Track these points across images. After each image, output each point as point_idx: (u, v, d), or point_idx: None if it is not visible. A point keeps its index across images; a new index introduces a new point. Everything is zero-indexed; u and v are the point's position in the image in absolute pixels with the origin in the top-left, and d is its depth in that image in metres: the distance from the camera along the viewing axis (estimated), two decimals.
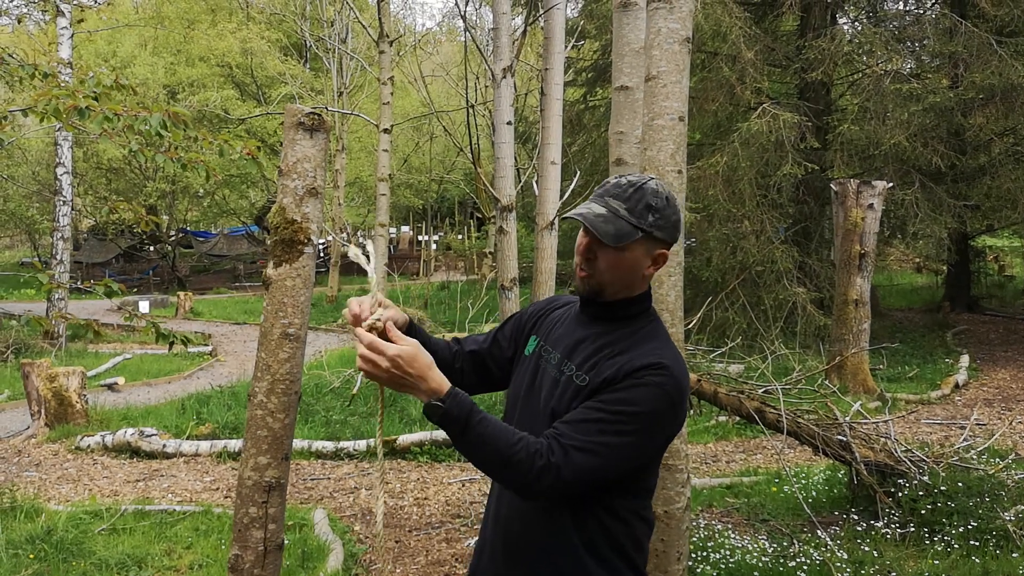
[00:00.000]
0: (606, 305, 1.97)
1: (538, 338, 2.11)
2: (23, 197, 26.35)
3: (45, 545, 5.22)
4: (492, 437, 1.74)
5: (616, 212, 1.87)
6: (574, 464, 1.73)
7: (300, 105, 2.17)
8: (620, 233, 1.85)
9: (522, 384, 2.07)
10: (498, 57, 6.42)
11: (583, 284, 1.96)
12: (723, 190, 12.70)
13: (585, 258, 1.92)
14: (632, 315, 1.98)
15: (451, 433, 1.76)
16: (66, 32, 15.29)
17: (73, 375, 9.11)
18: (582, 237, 1.92)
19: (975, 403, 9.77)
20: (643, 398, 1.78)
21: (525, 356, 2.12)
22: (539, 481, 1.72)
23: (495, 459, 1.74)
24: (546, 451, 1.73)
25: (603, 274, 1.91)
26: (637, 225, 1.86)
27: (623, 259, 1.89)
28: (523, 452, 1.73)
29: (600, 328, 1.97)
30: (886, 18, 15.38)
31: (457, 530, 5.81)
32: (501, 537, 1.99)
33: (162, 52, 28.70)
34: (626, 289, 1.95)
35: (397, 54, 19.94)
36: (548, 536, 1.90)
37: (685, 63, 3.33)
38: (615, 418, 1.77)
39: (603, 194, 1.92)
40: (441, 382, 1.75)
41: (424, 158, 33.11)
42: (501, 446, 1.73)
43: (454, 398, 1.74)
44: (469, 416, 1.73)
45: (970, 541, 4.77)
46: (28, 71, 4.77)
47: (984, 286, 19.41)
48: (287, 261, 2.03)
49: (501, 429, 1.76)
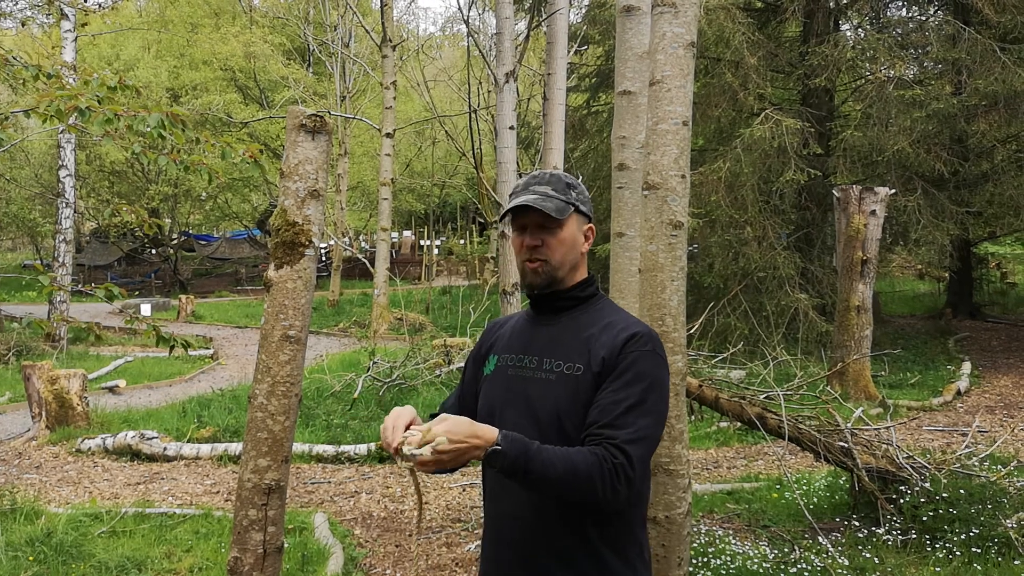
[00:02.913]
0: (560, 294, 2.06)
1: (496, 355, 2.13)
2: (26, 199, 26.40)
3: (45, 547, 5.21)
4: (557, 462, 1.75)
5: (546, 194, 2.02)
6: (634, 456, 1.80)
7: (303, 108, 2.17)
8: (559, 208, 1.99)
9: (494, 398, 2.07)
10: (501, 62, 6.43)
11: (536, 276, 2.03)
12: (725, 196, 12.69)
13: (532, 247, 2.02)
14: (585, 297, 2.08)
15: (515, 470, 1.74)
16: (70, 35, 15.33)
17: (74, 377, 9.10)
18: (520, 234, 2.04)
19: (977, 410, 9.74)
20: (648, 368, 1.90)
21: (487, 375, 2.13)
22: (615, 492, 1.77)
23: (568, 484, 1.76)
24: (608, 458, 1.78)
25: (553, 255, 2.01)
26: (567, 200, 2.02)
27: (565, 236, 2.02)
28: (589, 468, 1.76)
29: (563, 319, 2.06)
30: (889, 24, 15.37)
31: (458, 534, 5.79)
32: (516, 538, 1.98)
33: (165, 56, 28.79)
34: (573, 270, 2.05)
35: (400, 59, 19.98)
36: (565, 532, 1.91)
37: (689, 67, 3.33)
38: (640, 398, 1.86)
39: (526, 186, 2.06)
40: (489, 432, 1.75)
41: (426, 162, 33.13)
42: (569, 472, 1.75)
43: (506, 437, 1.75)
44: (527, 448, 1.75)
45: (972, 548, 4.75)
46: (32, 73, 4.77)
47: (986, 293, 19.38)
48: (288, 263, 2.02)
49: (559, 452, 1.78)
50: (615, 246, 4.45)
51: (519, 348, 2.07)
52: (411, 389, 10.28)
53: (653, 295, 3.33)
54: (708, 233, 13.56)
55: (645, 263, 3.37)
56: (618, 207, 4.45)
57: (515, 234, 2.05)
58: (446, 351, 11.55)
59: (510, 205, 2.02)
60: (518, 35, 7.60)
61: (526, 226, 2.02)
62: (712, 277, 13.48)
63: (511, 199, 2.05)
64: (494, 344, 2.18)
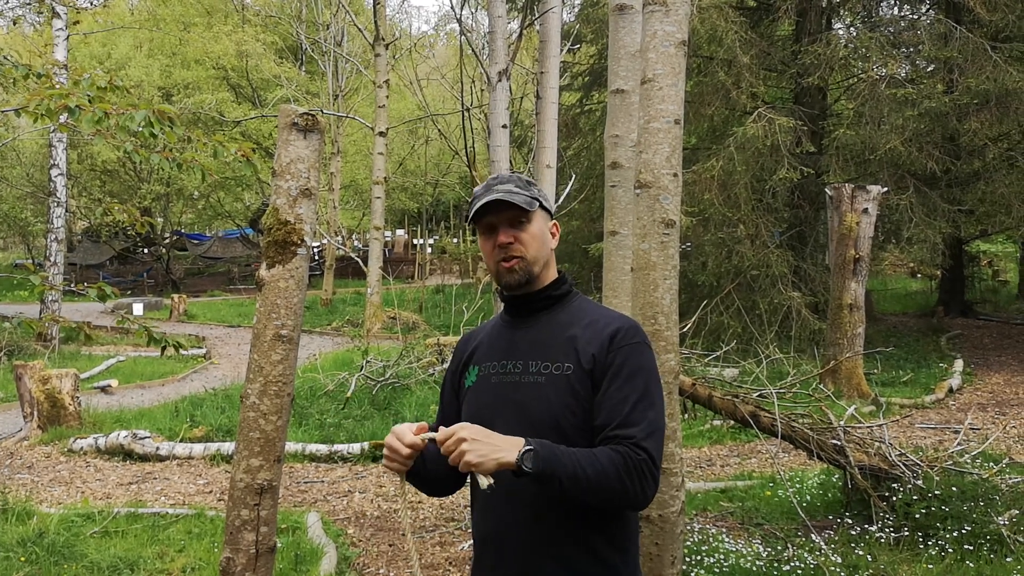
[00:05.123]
0: (536, 296, 2.03)
1: (476, 366, 2.09)
2: (17, 199, 26.26)
3: (36, 548, 5.19)
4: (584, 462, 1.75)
5: (510, 191, 1.99)
6: (653, 452, 1.81)
7: (295, 106, 2.16)
8: (527, 201, 1.98)
9: (480, 408, 2.01)
10: (493, 61, 6.43)
11: (513, 274, 2.00)
12: (718, 194, 12.71)
13: (504, 245, 1.99)
14: (561, 295, 2.06)
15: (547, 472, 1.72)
16: (61, 34, 15.27)
17: (66, 377, 9.07)
18: (488, 236, 2.01)
19: (969, 407, 9.78)
20: (642, 361, 1.91)
21: (469, 388, 2.08)
22: (643, 486, 1.79)
23: (599, 481, 1.76)
24: (630, 455, 1.78)
25: (528, 250, 1.99)
26: (531, 196, 2.01)
27: (536, 230, 2.01)
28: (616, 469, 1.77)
29: (541, 320, 2.03)
30: (881, 23, 15.40)
31: (451, 533, 5.79)
32: (516, 547, 1.94)
33: (157, 54, 28.65)
34: (546, 266, 2.04)
35: (393, 57, 19.95)
36: (566, 538, 1.89)
37: (681, 66, 3.33)
38: (642, 391, 1.87)
39: (487, 188, 2.03)
40: (514, 438, 1.74)
41: (419, 161, 33.04)
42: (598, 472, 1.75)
43: (528, 440, 1.74)
44: (553, 448, 1.75)
45: (964, 545, 4.77)
46: (22, 72, 4.75)
47: (978, 291, 19.47)
48: (280, 262, 2.01)
49: (585, 453, 1.78)
50: (608, 244, 4.45)
51: (500, 354, 2.03)
52: (404, 388, 10.27)
53: (646, 293, 3.33)
54: (701, 231, 13.58)
55: (638, 261, 3.37)
56: (611, 205, 4.45)
57: (483, 237, 2.01)
58: (439, 350, 11.53)
59: (478, 204, 1.98)
60: (511, 34, 7.58)
61: (495, 225, 1.99)
62: (705, 275, 13.49)
63: (474, 202, 2.02)
64: (472, 355, 2.12)
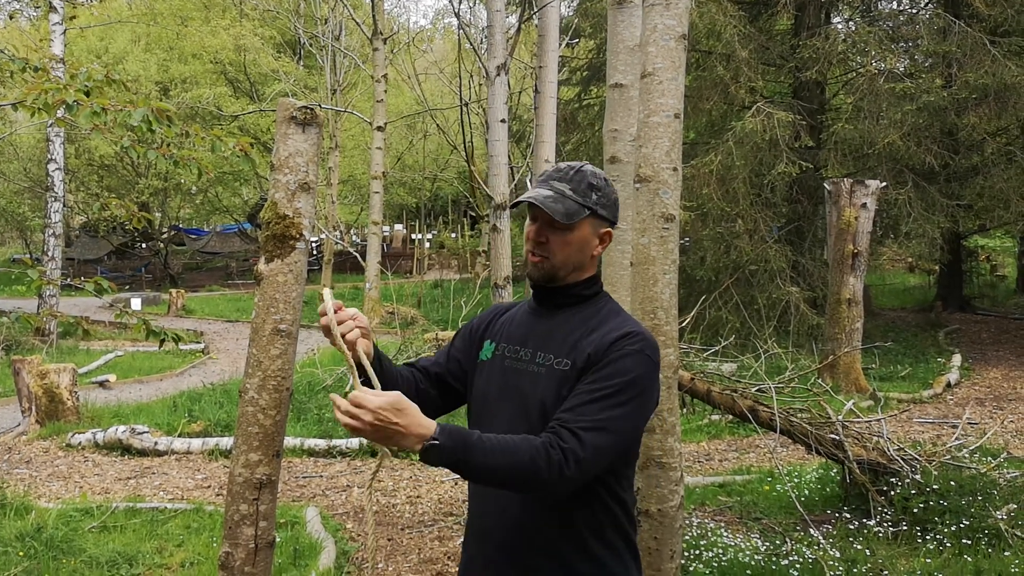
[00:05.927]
0: (562, 290, 2.02)
1: (494, 342, 2.10)
2: (14, 193, 26.24)
3: (35, 543, 5.18)
4: (498, 450, 1.71)
5: (562, 193, 1.94)
6: (589, 445, 1.75)
7: (293, 100, 2.15)
8: (569, 211, 1.92)
9: (489, 388, 2.05)
10: (492, 55, 6.41)
11: (536, 269, 1.99)
12: (717, 189, 12.71)
13: (537, 242, 1.97)
14: (588, 296, 2.03)
15: (455, 462, 1.70)
16: (58, 28, 15.23)
17: (64, 372, 9.06)
18: (531, 223, 1.98)
19: (967, 402, 9.80)
20: (631, 366, 1.84)
21: (483, 361, 2.10)
22: (561, 474, 1.72)
23: (510, 471, 1.71)
24: (556, 442, 1.74)
25: (556, 255, 1.96)
26: (583, 203, 1.94)
27: (573, 238, 1.95)
28: (532, 452, 1.71)
29: (562, 315, 2.01)
30: (880, 17, 15.41)
31: (450, 528, 5.80)
32: (503, 533, 1.96)
33: (155, 49, 28.57)
34: (577, 270, 2.00)
35: (391, 52, 19.88)
36: (552, 526, 1.90)
37: (681, 60, 3.32)
38: (613, 391, 1.80)
39: (547, 179, 1.99)
40: (427, 424, 1.69)
41: (418, 156, 32.98)
42: (510, 457, 1.71)
43: (443, 431, 1.69)
44: (466, 440, 1.70)
45: (962, 539, 4.77)
46: (19, 65, 4.73)
47: (976, 286, 19.49)
48: (279, 256, 2.01)
49: (502, 440, 1.74)
50: None
51: (518, 340, 2.04)
52: None
53: (645, 288, 3.32)
54: (700, 226, 13.58)
55: (637, 256, 3.36)
56: None
57: (528, 220, 2.00)
58: (438, 344, 11.54)
59: (520, 197, 1.97)
60: (509, 28, 7.58)
61: (536, 218, 1.97)
62: (704, 270, 13.51)
63: (526, 191, 2.00)
64: (494, 328, 2.14)
